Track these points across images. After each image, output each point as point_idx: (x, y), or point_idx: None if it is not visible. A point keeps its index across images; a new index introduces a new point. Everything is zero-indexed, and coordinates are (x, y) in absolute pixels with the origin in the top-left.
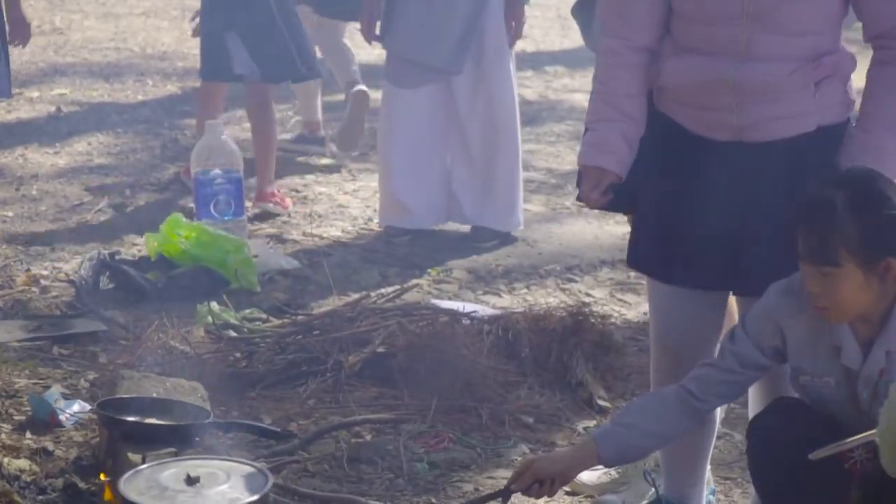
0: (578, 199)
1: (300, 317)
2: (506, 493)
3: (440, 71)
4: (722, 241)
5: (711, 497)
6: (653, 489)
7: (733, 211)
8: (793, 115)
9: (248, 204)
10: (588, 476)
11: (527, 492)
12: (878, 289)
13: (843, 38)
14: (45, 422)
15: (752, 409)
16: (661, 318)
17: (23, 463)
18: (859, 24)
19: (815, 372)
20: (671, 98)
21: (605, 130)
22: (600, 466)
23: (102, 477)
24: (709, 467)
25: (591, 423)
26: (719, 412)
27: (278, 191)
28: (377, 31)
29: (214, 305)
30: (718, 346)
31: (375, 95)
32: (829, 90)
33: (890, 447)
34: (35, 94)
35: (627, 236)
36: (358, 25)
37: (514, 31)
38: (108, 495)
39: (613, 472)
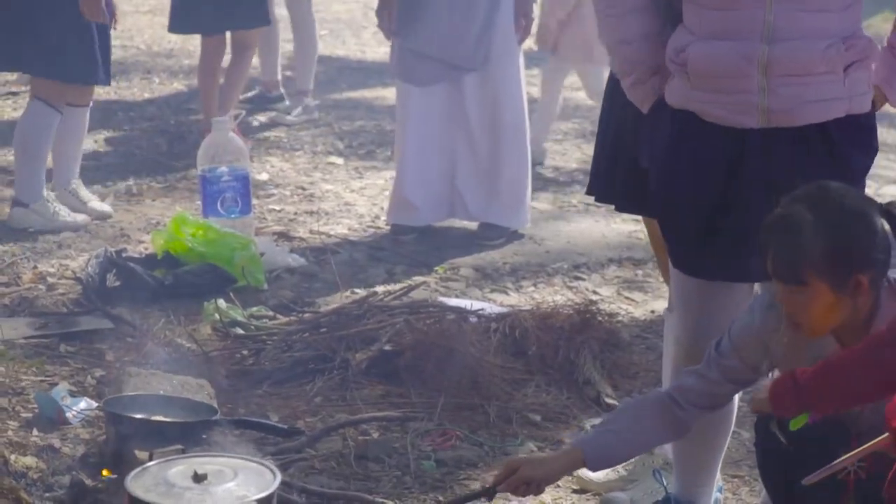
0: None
1: (307, 314)
2: (491, 493)
3: (459, 68)
4: (755, 231)
5: (719, 495)
6: (661, 487)
7: (767, 199)
8: (822, 99)
9: None
10: (596, 474)
11: (513, 491)
12: (851, 303)
13: None
14: (51, 419)
15: None
16: (695, 314)
17: (29, 460)
18: (869, 22)
19: None
20: (692, 87)
21: (623, 84)
22: None
23: (105, 473)
24: None
25: (599, 421)
26: (735, 412)
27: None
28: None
29: (221, 303)
30: (705, 354)
31: (385, 94)
32: (858, 77)
33: None
34: None
35: (634, 234)
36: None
37: (524, 28)
38: None
39: (621, 470)
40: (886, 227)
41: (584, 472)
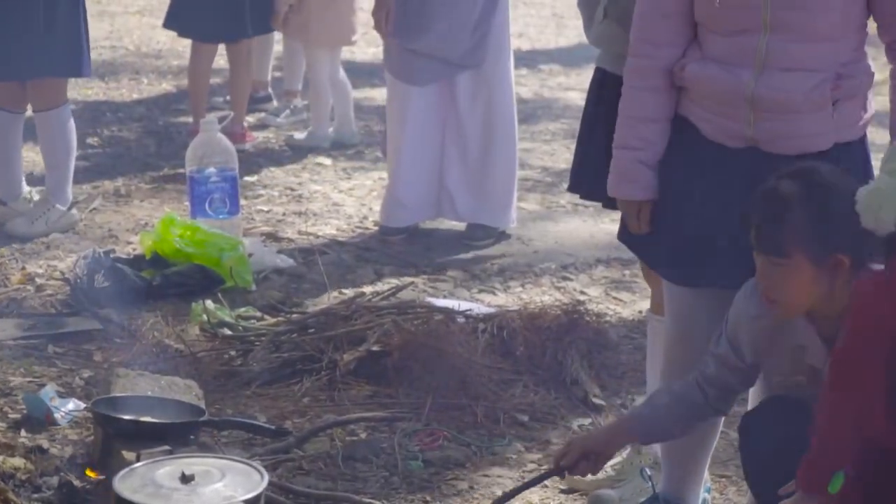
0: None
1: (295, 315)
2: (559, 472)
3: (457, 65)
4: (736, 242)
5: (707, 495)
6: (650, 486)
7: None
8: (810, 135)
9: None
10: None
11: (573, 470)
12: (829, 284)
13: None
14: (39, 420)
15: (752, 405)
16: (683, 321)
17: (18, 461)
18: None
19: (785, 371)
20: (691, 101)
21: (625, 158)
22: None
23: (90, 473)
24: None
25: (586, 422)
26: None
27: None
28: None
29: (209, 304)
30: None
31: (373, 94)
32: (847, 110)
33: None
34: None
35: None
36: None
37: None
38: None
39: (609, 469)
40: None
41: None
